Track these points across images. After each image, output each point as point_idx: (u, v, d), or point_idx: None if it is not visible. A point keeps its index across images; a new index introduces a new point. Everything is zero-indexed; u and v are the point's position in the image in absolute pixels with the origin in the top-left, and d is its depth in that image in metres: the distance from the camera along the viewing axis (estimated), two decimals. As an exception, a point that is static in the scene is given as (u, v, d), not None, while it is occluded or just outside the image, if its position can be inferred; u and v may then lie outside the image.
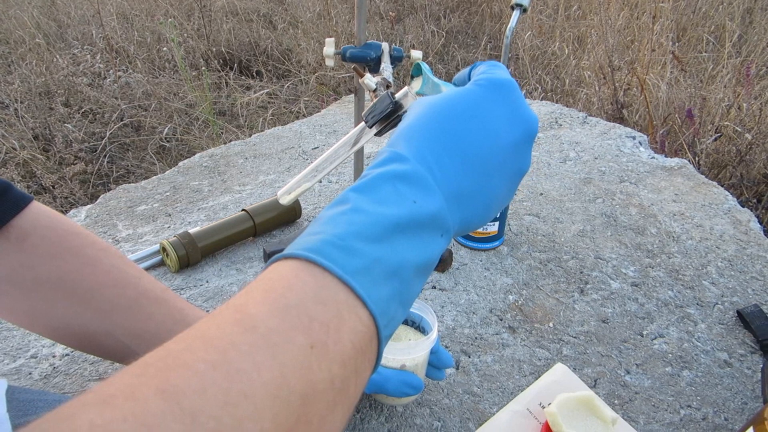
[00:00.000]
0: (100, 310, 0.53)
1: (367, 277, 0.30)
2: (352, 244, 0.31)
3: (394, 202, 0.34)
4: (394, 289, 0.32)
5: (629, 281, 0.87)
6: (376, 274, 0.31)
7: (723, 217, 1.03)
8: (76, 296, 0.52)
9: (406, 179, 0.35)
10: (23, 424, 0.48)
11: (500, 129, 0.39)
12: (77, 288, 0.52)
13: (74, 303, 0.52)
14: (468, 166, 0.37)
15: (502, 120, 0.39)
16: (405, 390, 0.61)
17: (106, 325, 0.53)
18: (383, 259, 0.31)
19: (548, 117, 1.38)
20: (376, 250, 0.31)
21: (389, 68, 0.72)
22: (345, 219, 0.32)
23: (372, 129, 0.71)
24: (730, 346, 0.77)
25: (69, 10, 3.32)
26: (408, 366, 0.62)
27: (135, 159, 2.13)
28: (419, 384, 0.61)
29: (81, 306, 0.53)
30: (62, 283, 0.52)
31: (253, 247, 0.93)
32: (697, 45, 2.48)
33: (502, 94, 0.40)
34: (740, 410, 0.69)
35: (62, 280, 0.52)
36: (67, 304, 0.52)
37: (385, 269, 0.31)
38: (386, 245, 0.32)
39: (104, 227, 0.98)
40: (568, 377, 0.71)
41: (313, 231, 0.32)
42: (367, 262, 0.31)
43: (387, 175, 0.35)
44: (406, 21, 3.21)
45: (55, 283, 0.52)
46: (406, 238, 0.33)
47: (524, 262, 0.90)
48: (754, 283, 0.88)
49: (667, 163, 1.19)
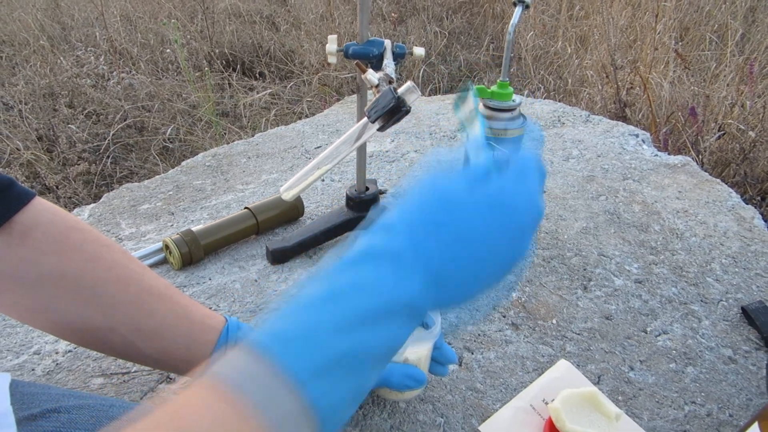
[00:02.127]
0: (102, 306, 0.53)
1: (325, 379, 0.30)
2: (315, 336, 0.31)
3: (370, 288, 0.33)
4: (351, 387, 0.31)
5: (633, 278, 0.87)
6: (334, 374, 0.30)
7: (727, 214, 1.02)
8: (78, 292, 0.53)
9: (388, 258, 0.34)
10: (27, 417, 0.49)
11: (515, 214, 0.38)
12: (80, 284, 0.53)
13: (77, 299, 0.53)
14: (460, 246, 0.36)
15: (520, 206, 0.38)
16: (408, 383, 0.60)
17: (108, 320, 0.53)
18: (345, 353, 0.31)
19: (551, 115, 1.38)
20: (339, 342, 0.31)
21: (392, 65, 0.72)
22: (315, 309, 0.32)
23: (375, 124, 0.71)
24: (735, 343, 0.77)
25: (73, 12, 3.34)
26: (411, 360, 0.62)
27: (138, 160, 2.14)
28: (422, 377, 0.61)
29: (83, 302, 0.53)
30: (65, 279, 0.52)
31: (256, 244, 0.93)
32: (700, 44, 2.48)
33: (526, 182, 0.39)
34: (745, 406, 0.68)
35: (65, 276, 0.52)
36: (69, 300, 0.53)
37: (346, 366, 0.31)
38: (350, 336, 0.32)
39: (107, 226, 0.98)
40: (572, 374, 0.70)
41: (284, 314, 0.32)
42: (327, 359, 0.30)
43: (369, 252, 0.35)
44: (409, 22, 3.21)
45: (58, 279, 0.52)
46: (372, 327, 0.33)
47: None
48: (759, 280, 0.87)
49: (670, 160, 1.19)
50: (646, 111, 1.93)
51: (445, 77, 2.74)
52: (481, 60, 2.89)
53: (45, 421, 0.49)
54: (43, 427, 0.48)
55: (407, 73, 2.75)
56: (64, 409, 0.51)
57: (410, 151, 1.22)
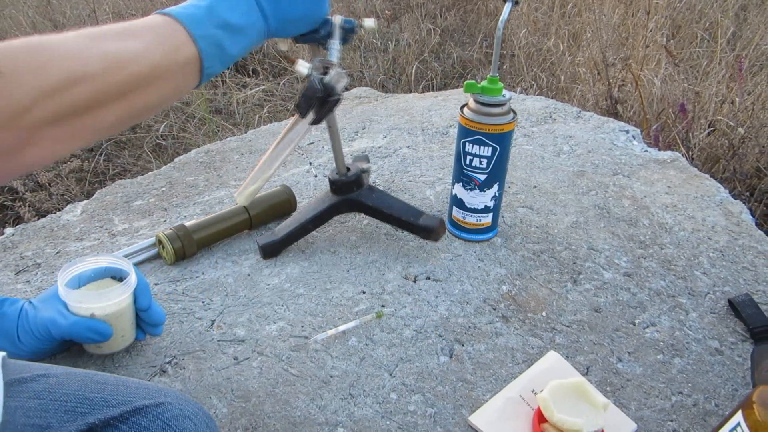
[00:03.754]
0: None
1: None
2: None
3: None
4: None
5: (622, 271, 0.88)
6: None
7: (715, 208, 1.04)
8: None
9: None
10: (17, 380, 0.51)
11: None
12: None
13: None
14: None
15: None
16: (91, 336, 0.63)
17: None
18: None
19: (542, 112, 1.39)
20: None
21: (336, 46, 0.68)
22: None
23: (306, 118, 0.70)
24: (722, 335, 0.78)
25: (64, 10, 3.32)
26: (98, 315, 0.64)
27: (131, 157, 2.14)
28: (106, 330, 0.64)
29: None
30: None
31: (249, 239, 0.93)
32: (691, 42, 2.50)
33: None
34: (731, 396, 0.69)
35: None
36: None
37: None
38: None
39: (100, 222, 0.98)
40: (561, 365, 0.71)
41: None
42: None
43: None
44: (402, 19, 3.22)
45: None
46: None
47: (518, 253, 0.91)
48: (746, 273, 0.89)
49: (659, 156, 1.20)
50: (637, 108, 1.94)
51: (438, 74, 2.75)
52: (474, 57, 2.90)
53: (34, 383, 0.52)
54: (32, 389, 0.52)
55: (401, 70, 2.76)
56: (53, 375, 0.54)
57: (403, 146, 1.22)
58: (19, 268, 0.87)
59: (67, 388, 0.52)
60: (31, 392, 0.51)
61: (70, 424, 0.49)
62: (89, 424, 0.49)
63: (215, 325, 0.77)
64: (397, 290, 0.83)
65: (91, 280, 0.70)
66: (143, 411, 0.50)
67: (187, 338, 0.74)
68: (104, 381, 0.54)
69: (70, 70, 0.39)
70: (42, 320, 0.63)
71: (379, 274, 0.86)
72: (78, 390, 0.52)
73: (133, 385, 0.54)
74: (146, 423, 0.50)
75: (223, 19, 0.51)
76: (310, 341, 0.74)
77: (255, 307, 0.80)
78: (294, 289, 0.83)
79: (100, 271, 0.70)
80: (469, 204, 0.89)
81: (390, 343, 0.75)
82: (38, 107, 0.37)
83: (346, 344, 0.74)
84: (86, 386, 0.53)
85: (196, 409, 0.53)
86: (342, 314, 0.79)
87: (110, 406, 0.51)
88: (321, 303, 0.81)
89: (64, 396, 0.51)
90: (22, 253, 0.90)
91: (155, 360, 0.71)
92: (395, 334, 0.76)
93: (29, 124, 0.37)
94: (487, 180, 0.86)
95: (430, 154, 1.20)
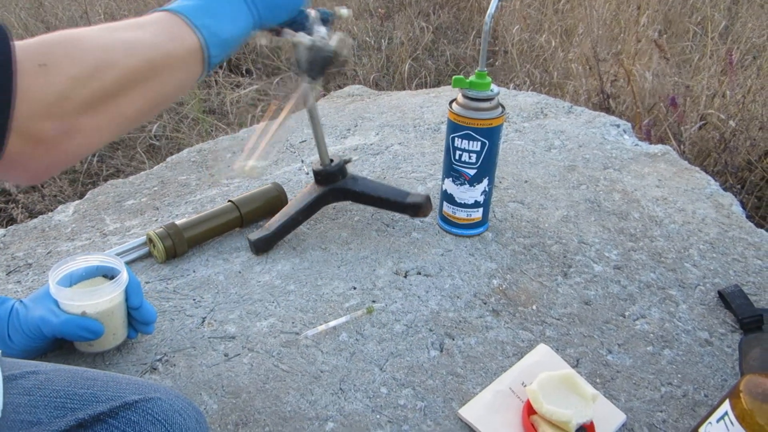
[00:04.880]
0: None
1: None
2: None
3: None
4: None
5: (612, 264, 0.88)
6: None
7: (705, 201, 1.04)
8: None
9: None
10: (7, 377, 0.52)
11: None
12: None
13: None
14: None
15: None
16: (82, 334, 0.64)
17: None
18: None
19: (534, 107, 1.39)
20: None
21: (322, 30, 0.73)
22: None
23: (317, 81, 0.74)
24: (711, 326, 0.78)
25: (56, 11, 3.31)
26: (89, 313, 0.65)
27: (125, 158, 2.13)
28: (97, 328, 0.64)
29: None
30: None
31: (240, 237, 0.93)
32: (683, 36, 2.50)
33: None
34: (720, 387, 0.70)
35: None
36: None
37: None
38: None
39: (92, 221, 0.98)
40: (551, 357, 0.71)
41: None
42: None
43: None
44: (396, 17, 3.22)
45: None
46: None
47: (508, 247, 0.91)
48: (736, 265, 0.89)
49: (650, 149, 1.21)
50: (630, 102, 1.94)
51: (432, 72, 2.75)
52: (468, 54, 2.90)
53: (24, 380, 0.53)
54: (21, 385, 0.52)
55: (394, 68, 2.75)
56: (42, 371, 0.55)
57: (394, 143, 1.23)
58: (10, 269, 0.87)
59: (56, 384, 0.52)
60: (20, 389, 0.51)
61: (59, 420, 0.49)
62: (79, 419, 0.50)
63: (206, 323, 0.77)
64: (387, 285, 0.83)
65: (83, 279, 0.70)
66: (133, 406, 0.50)
67: (177, 336, 0.74)
68: (94, 377, 0.54)
69: (97, 59, 0.42)
70: (33, 318, 0.63)
71: (370, 270, 0.86)
72: (67, 386, 0.52)
73: (122, 381, 0.54)
74: (136, 417, 0.50)
75: (215, 9, 0.54)
76: (300, 337, 0.74)
77: (246, 304, 0.80)
78: (285, 286, 0.83)
79: (91, 270, 0.70)
80: (459, 199, 0.89)
81: (380, 338, 0.75)
82: (75, 94, 0.40)
83: (337, 339, 0.74)
84: (76, 382, 0.53)
85: (185, 405, 0.53)
86: (333, 310, 0.79)
87: (100, 402, 0.51)
88: (312, 299, 0.81)
89: (54, 392, 0.51)
90: (13, 254, 0.90)
91: (146, 357, 0.71)
92: (386, 329, 0.76)
93: (69, 111, 0.40)
94: (477, 175, 0.87)
95: (422, 150, 1.20)
